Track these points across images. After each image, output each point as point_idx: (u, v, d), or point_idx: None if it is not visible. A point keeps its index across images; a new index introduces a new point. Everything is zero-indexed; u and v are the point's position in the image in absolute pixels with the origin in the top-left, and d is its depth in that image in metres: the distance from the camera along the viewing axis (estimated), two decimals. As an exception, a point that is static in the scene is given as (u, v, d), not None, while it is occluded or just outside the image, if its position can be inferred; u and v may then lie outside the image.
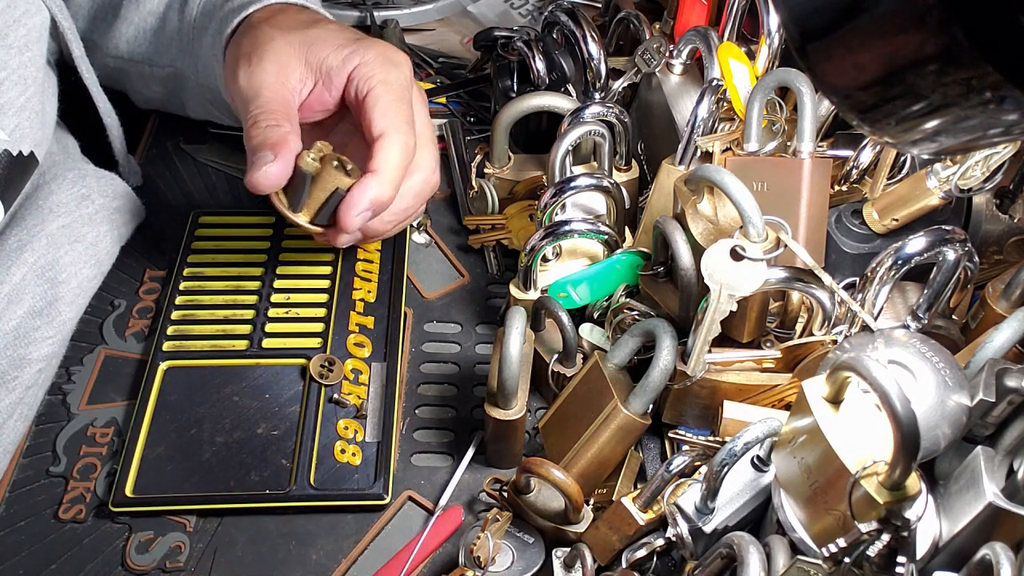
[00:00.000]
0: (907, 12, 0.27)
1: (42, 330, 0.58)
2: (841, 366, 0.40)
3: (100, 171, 0.66)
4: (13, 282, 0.57)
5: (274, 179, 0.54)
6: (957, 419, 0.43)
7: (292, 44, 0.58)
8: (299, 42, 0.58)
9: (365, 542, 0.56)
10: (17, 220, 0.60)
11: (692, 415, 0.58)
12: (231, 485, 0.56)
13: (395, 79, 0.58)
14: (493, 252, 0.72)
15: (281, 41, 0.58)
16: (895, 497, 0.38)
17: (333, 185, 0.54)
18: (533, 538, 0.53)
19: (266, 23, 0.60)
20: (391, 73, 0.58)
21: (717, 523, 0.47)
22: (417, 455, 0.60)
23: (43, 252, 0.59)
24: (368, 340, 0.64)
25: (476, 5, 0.97)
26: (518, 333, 0.52)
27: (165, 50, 0.70)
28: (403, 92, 0.58)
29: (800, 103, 0.58)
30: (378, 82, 0.57)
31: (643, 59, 0.72)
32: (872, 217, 0.60)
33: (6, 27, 0.58)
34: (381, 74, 0.57)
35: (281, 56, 0.57)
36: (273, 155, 0.54)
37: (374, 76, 0.57)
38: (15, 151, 0.58)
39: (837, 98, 0.33)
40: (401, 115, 0.57)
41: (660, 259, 0.59)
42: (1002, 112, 0.28)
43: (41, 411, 0.61)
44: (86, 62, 0.66)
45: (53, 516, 0.56)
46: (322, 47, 0.58)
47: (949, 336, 0.55)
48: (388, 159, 0.55)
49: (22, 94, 0.59)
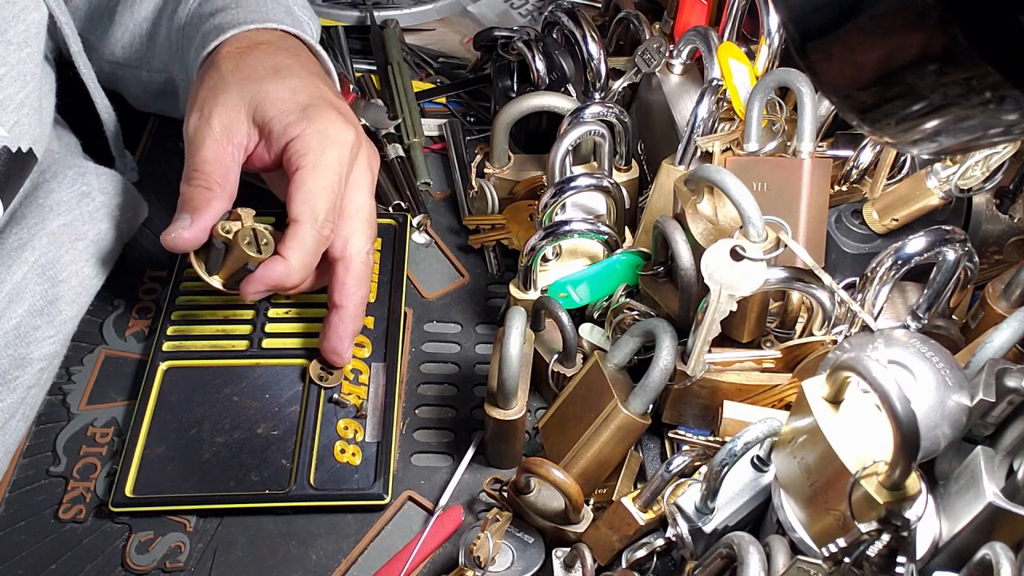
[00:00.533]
0: (907, 12, 0.27)
1: (43, 329, 0.58)
2: (841, 366, 0.40)
3: (100, 168, 0.66)
4: (14, 281, 0.57)
5: (183, 245, 0.55)
6: (957, 419, 0.43)
7: (243, 100, 0.58)
8: (251, 97, 0.58)
9: (365, 542, 0.56)
10: (17, 218, 0.60)
11: (692, 415, 0.58)
12: (231, 485, 0.56)
13: (328, 161, 0.56)
14: (493, 252, 0.72)
15: (233, 95, 0.58)
16: (895, 497, 0.38)
17: (242, 260, 0.56)
18: (533, 538, 0.53)
19: (230, 62, 0.60)
20: (326, 153, 0.56)
21: (717, 523, 0.47)
22: (417, 455, 0.60)
23: (44, 251, 0.59)
24: (368, 340, 0.64)
25: (476, 5, 0.97)
26: (518, 333, 0.52)
27: (158, 55, 0.70)
28: (332, 176, 0.56)
29: (800, 103, 0.58)
30: (307, 163, 0.56)
31: (643, 59, 0.72)
32: (872, 217, 0.60)
33: (5, 23, 0.58)
34: (313, 155, 0.56)
35: (230, 112, 0.57)
36: (191, 220, 0.55)
37: (306, 156, 0.56)
38: (14, 148, 0.58)
39: (837, 98, 0.33)
40: (320, 203, 0.56)
41: (660, 259, 0.59)
42: (1002, 112, 0.28)
43: (41, 411, 0.61)
44: (83, 58, 0.66)
45: (53, 516, 0.56)
46: (270, 108, 0.57)
47: (949, 336, 0.55)
48: (296, 247, 0.55)
49: (21, 90, 0.59)
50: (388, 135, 0.79)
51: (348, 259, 0.59)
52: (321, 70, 0.65)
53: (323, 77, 0.63)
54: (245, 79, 0.59)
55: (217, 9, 0.65)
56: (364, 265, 0.60)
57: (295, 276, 0.56)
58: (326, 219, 0.56)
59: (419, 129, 0.81)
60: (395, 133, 0.80)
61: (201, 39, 0.63)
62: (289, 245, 0.55)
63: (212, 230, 0.56)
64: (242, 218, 0.56)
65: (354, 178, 0.60)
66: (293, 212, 0.56)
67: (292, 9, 0.70)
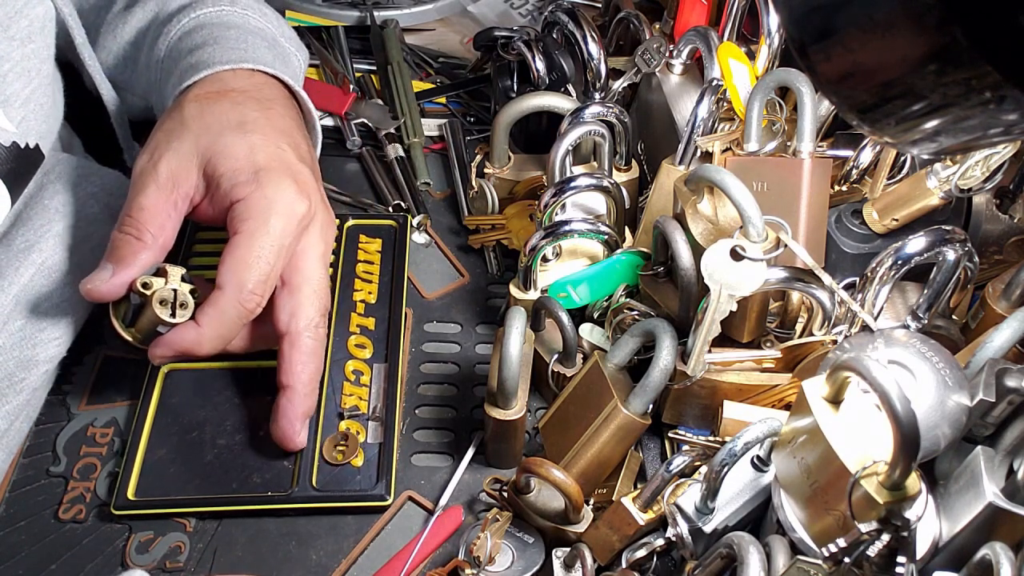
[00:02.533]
0: (907, 12, 0.27)
1: (49, 331, 0.58)
2: (841, 366, 0.40)
3: (105, 169, 0.67)
4: (21, 283, 0.57)
5: (98, 296, 0.53)
6: (957, 419, 0.43)
7: (197, 149, 0.55)
8: (205, 147, 0.55)
9: (365, 542, 0.56)
10: (24, 220, 0.60)
11: (692, 415, 0.58)
12: (233, 487, 0.56)
13: (270, 230, 0.54)
14: (493, 252, 0.72)
15: (188, 143, 0.56)
16: (895, 497, 0.38)
17: (155, 321, 0.53)
18: (533, 538, 0.53)
19: (195, 105, 0.58)
20: (268, 222, 0.53)
21: (717, 523, 0.47)
22: (417, 455, 0.60)
23: (51, 252, 0.59)
24: (369, 341, 0.64)
25: (476, 5, 0.97)
26: (518, 333, 0.52)
27: (139, 81, 0.70)
28: (269, 246, 0.53)
29: (800, 103, 0.58)
30: (245, 229, 0.53)
31: (643, 59, 0.72)
32: (872, 217, 0.60)
33: (8, 18, 0.58)
34: (254, 222, 0.53)
35: (181, 160, 0.55)
36: (112, 271, 0.53)
37: (246, 221, 0.53)
38: (22, 143, 0.58)
39: (837, 98, 0.33)
40: (249, 273, 0.53)
41: (660, 259, 0.59)
42: (1002, 112, 0.28)
43: (41, 411, 0.61)
44: (88, 49, 0.66)
45: (53, 516, 0.56)
46: (223, 163, 0.55)
47: (949, 336, 0.55)
48: (213, 315, 0.53)
49: (27, 86, 0.59)
50: (388, 135, 0.80)
51: (294, 335, 0.55)
52: (292, 124, 0.61)
53: (290, 135, 0.60)
54: (205, 128, 0.56)
55: (196, 46, 0.63)
56: (313, 340, 0.56)
57: (206, 346, 0.53)
58: (252, 291, 0.53)
59: (419, 129, 0.81)
60: (395, 133, 0.80)
61: (178, 76, 0.61)
62: (207, 312, 0.53)
63: (131, 284, 0.53)
64: (168, 275, 0.54)
65: (303, 247, 0.57)
66: (220, 279, 0.53)
67: (278, 41, 0.68)
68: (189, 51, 0.63)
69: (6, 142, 0.57)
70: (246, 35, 0.65)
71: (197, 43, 0.63)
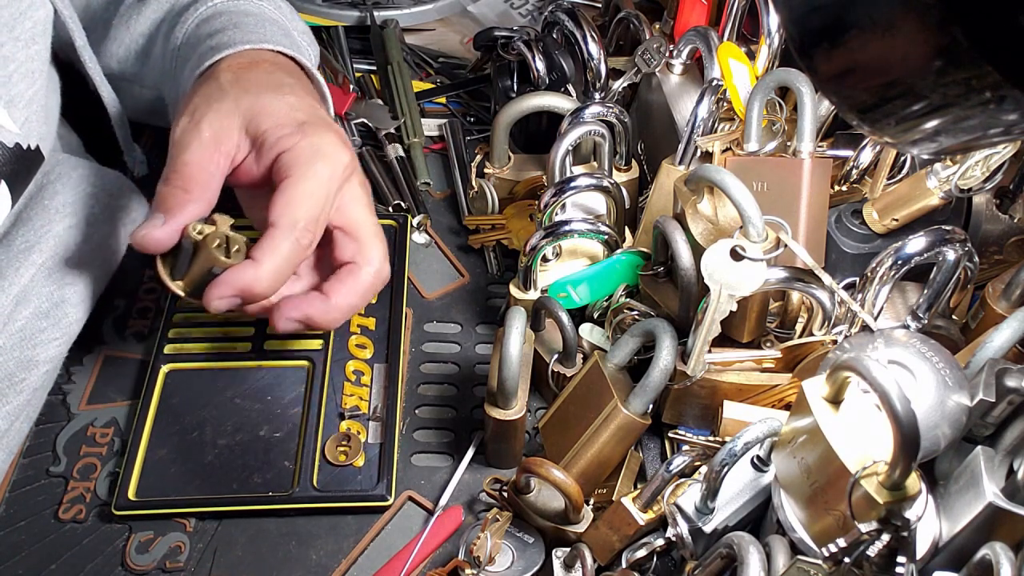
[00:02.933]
0: (907, 12, 0.27)
1: (49, 331, 0.58)
2: (841, 366, 0.40)
3: (105, 170, 0.67)
4: (21, 283, 0.57)
5: (152, 243, 0.52)
6: (957, 419, 0.43)
7: (239, 108, 0.56)
8: (247, 107, 0.56)
9: (365, 542, 0.56)
10: (24, 220, 0.60)
11: (692, 415, 0.58)
12: (234, 488, 0.56)
13: (318, 173, 0.54)
14: (493, 252, 0.72)
15: (229, 103, 0.56)
16: (895, 497, 0.38)
17: (209, 263, 0.53)
18: (533, 538, 0.53)
19: (230, 74, 0.58)
20: (316, 166, 0.54)
21: (717, 523, 0.47)
22: (417, 455, 0.60)
23: (51, 253, 0.59)
24: (370, 341, 0.64)
25: (476, 5, 0.97)
26: (518, 333, 0.52)
27: (151, 73, 0.70)
28: (319, 187, 0.54)
29: (800, 103, 0.58)
30: (295, 173, 0.54)
31: (643, 59, 0.72)
32: (872, 217, 0.60)
33: (13, 20, 0.58)
34: (303, 166, 0.54)
35: (223, 120, 0.55)
36: (164, 220, 0.52)
37: (295, 167, 0.54)
38: (25, 144, 0.58)
39: (837, 98, 0.33)
40: (301, 209, 0.53)
41: (660, 259, 0.59)
42: (1002, 112, 0.28)
43: (41, 411, 0.61)
44: (89, 51, 0.66)
45: (53, 516, 0.56)
46: (265, 120, 0.56)
47: (949, 336, 0.55)
48: (270, 251, 0.52)
49: (30, 87, 0.59)
50: (388, 135, 0.79)
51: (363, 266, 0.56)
52: (318, 95, 0.63)
53: (320, 101, 0.62)
54: (243, 91, 0.57)
55: (215, 31, 0.64)
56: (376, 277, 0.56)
57: (264, 283, 0.52)
58: (306, 228, 0.53)
59: (419, 129, 0.81)
60: (395, 133, 0.80)
61: (197, 59, 0.61)
62: (262, 247, 0.52)
63: (183, 230, 0.53)
64: (217, 224, 0.54)
65: (349, 197, 0.57)
66: (271, 217, 0.53)
67: (292, 34, 0.69)
68: (208, 35, 0.63)
69: (9, 143, 0.57)
70: (263, 22, 0.66)
71: (217, 28, 0.64)
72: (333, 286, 0.54)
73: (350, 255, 0.56)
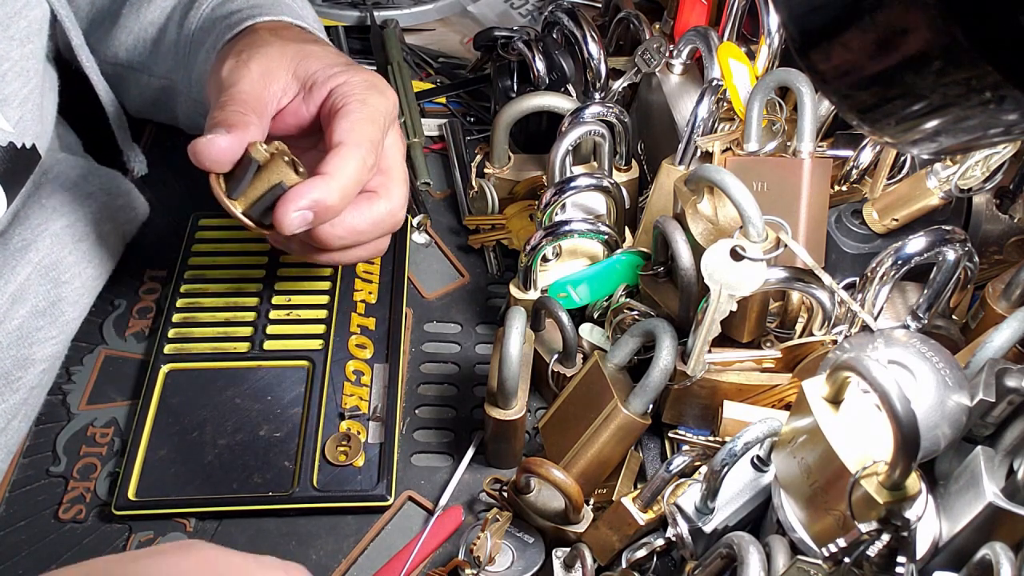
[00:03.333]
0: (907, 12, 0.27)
1: (45, 330, 0.58)
2: (841, 366, 0.40)
3: (103, 169, 0.67)
4: (18, 282, 0.57)
5: (216, 152, 0.51)
6: (957, 419, 0.43)
7: (286, 53, 0.57)
8: (293, 52, 0.57)
9: (365, 542, 0.56)
10: (21, 219, 0.60)
11: (692, 415, 0.58)
12: (234, 488, 0.56)
13: (374, 103, 0.55)
14: (493, 252, 0.72)
15: (276, 48, 0.57)
16: (895, 497, 0.38)
17: (278, 178, 0.51)
18: (533, 538, 0.53)
19: (267, 30, 0.60)
20: (372, 97, 0.56)
21: (717, 523, 0.47)
22: (417, 455, 0.60)
23: (47, 251, 0.59)
24: (370, 341, 0.64)
25: (476, 5, 0.97)
26: (518, 333, 0.52)
27: (162, 60, 0.70)
28: (377, 116, 0.55)
29: (800, 103, 0.58)
30: (354, 99, 0.55)
31: (643, 59, 0.72)
32: (872, 217, 0.60)
33: (7, 18, 0.58)
34: (361, 95, 0.55)
35: (271, 61, 0.56)
36: (227, 132, 0.51)
37: (353, 94, 0.55)
38: (19, 143, 0.58)
39: (837, 98, 0.33)
40: (367, 132, 0.53)
41: (660, 259, 0.59)
42: (1002, 112, 0.28)
43: (41, 411, 0.61)
44: (86, 51, 0.66)
45: (53, 516, 0.56)
46: (313, 62, 0.57)
47: (949, 336, 0.55)
48: (341, 166, 0.52)
49: (24, 86, 0.59)
50: (388, 135, 0.80)
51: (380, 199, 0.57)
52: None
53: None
54: (286, 40, 0.58)
55: (233, 11, 0.64)
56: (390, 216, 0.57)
57: (335, 195, 0.51)
58: (371, 147, 0.53)
59: (419, 129, 0.81)
60: (395, 133, 0.80)
61: (217, 36, 0.62)
62: (331, 163, 0.52)
63: (248, 146, 0.51)
64: (277, 145, 0.53)
65: (392, 140, 0.58)
66: (336, 138, 0.52)
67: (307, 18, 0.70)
68: (228, 14, 0.64)
69: (3, 142, 0.57)
70: (280, 3, 0.66)
71: (234, 8, 0.65)
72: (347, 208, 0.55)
73: (373, 187, 0.57)
